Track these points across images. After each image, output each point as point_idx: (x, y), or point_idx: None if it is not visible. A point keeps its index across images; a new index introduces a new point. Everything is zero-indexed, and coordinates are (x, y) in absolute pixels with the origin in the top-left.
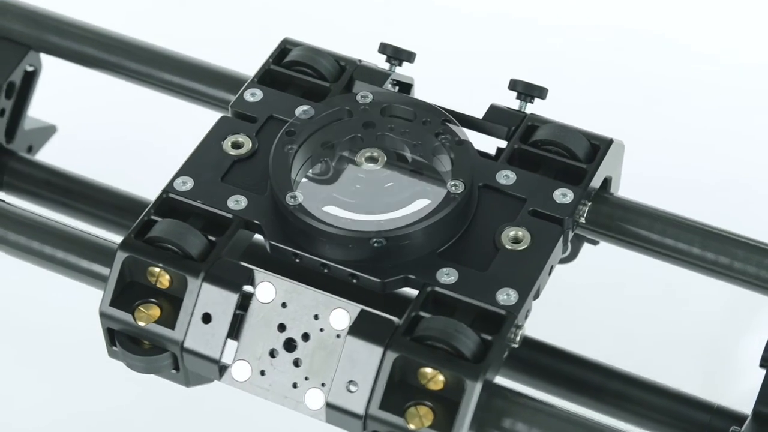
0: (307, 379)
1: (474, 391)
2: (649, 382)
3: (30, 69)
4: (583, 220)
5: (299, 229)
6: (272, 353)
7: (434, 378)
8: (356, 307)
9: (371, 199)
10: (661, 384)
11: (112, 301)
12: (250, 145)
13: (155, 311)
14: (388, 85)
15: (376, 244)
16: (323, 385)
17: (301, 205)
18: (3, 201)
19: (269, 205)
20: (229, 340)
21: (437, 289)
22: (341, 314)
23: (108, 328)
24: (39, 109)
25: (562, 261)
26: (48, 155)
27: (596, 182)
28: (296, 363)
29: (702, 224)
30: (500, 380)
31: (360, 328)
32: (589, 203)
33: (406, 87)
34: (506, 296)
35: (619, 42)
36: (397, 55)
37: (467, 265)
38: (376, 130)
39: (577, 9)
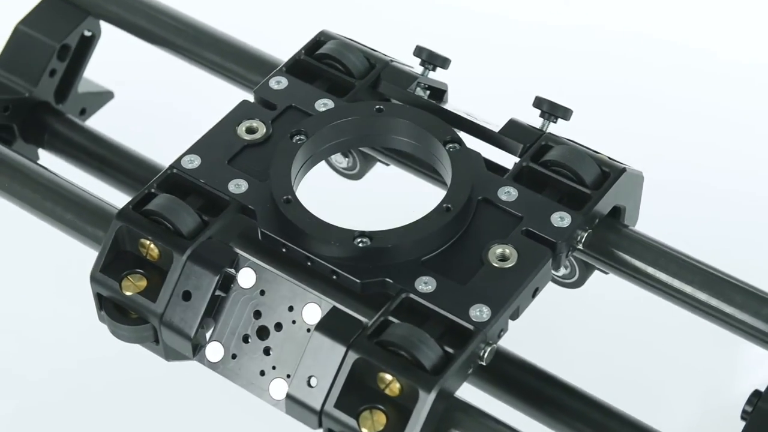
0: (274, 368)
1: (426, 401)
2: (629, 419)
3: (88, 34)
4: (580, 246)
5: (288, 221)
6: (245, 339)
7: (392, 384)
8: (329, 304)
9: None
10: (641, 422)
11: (103, 268)
12: (264, 131)
13: (143, 282)
14: (418, 89)
15: (360, 244)
16: (288, 376)
17: (293, 196)
18: (28, 158)
19: (267, 193)
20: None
21: (412, 296)
22: (314, 309)
23: (97, 293)
24: (105, 74)
25: (569, 286)
26: (99, 120)
27: (602, 209)
28: (266, 351)
29: (706, 265)
30: (480, 394)
31: (327, 325)
32: (589, 230)
33: (439, 92)
34: (479, 312)
35: (674, 64)
36: (431, 59)
37: (448, 276)
38: (382, 131)
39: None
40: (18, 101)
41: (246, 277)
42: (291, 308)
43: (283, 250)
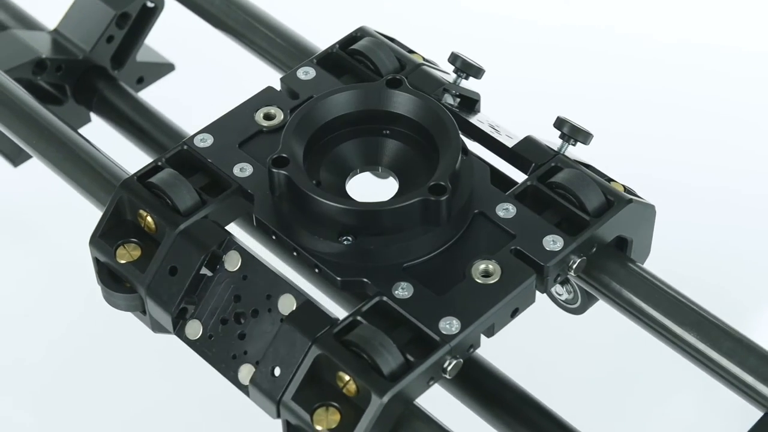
0: (245, 353)
1: (377, 406)
2: None
3: (150, 5)
4: (572, 273)
5: (280, 210)
6: (223, 321)
7: (349, 384)
8: (302, 297)
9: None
10: None
11: (102, 233)
12: (282, 118)
13: (137, 252)
14: (447, 95)
15: (345, 242)
16: (258, 363)
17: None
18: (61, 119)
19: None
20: None
21: (386, 299)
22: (289, 299)
23: (95, 257)
24: (171, 47)
25: (571, 312)
26: (156, 90)
27: (602, 238)
28: (241, 336)
29: (699, 307)
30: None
31: (297, 317)
32: (584, 257)
33: (470, 102)
34: (448, 325)
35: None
36: (465, 68)
37: (428, 285)
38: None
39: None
40: (71, 62)
41: (231, 260)
42: (269, 297)
43: (273, 237)
